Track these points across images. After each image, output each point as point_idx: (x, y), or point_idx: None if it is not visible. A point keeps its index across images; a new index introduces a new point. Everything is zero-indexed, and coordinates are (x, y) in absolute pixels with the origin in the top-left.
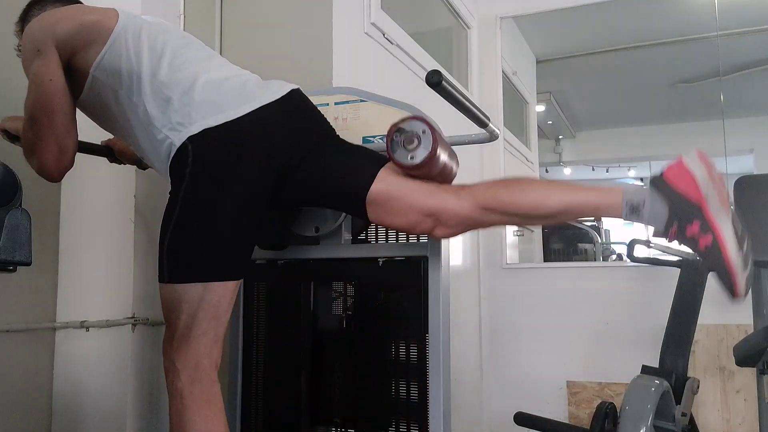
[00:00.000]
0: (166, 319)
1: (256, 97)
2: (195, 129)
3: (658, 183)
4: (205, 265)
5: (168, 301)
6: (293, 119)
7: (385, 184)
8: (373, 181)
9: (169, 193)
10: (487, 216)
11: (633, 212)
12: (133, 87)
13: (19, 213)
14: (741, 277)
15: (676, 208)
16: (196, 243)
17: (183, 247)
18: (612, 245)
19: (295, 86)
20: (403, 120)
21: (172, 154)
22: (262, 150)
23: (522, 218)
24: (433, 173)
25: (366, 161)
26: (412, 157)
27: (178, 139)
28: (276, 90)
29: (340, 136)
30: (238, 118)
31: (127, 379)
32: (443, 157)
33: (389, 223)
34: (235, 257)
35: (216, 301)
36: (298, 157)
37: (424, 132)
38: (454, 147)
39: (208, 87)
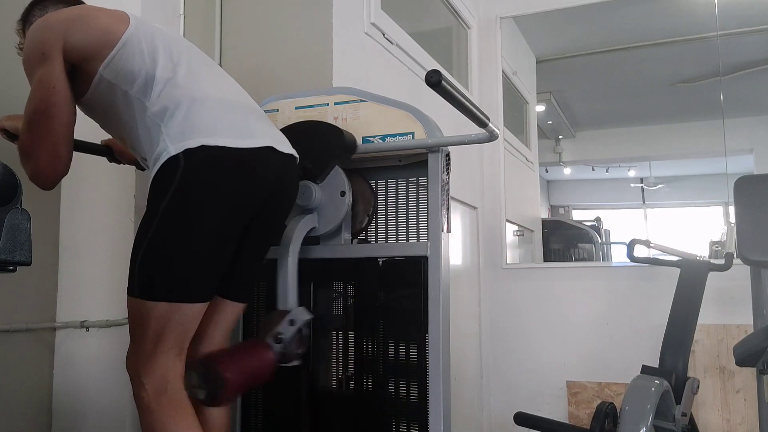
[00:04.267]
0: (131, 331)
1: (264, 136)
2: (193, 143)
3: None
4: (177, 286)
5: (136, 314)
6: (284, 178)
7: (228, 312)
8: (235, 300)
9: (148, 204)
10: None
11: None
12: (146, 89)
13: (19, 213)
14: None
15: None
16: (171, 263)
17: (156, 266)
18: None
19: (296, 154)
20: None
21: (161, 162)
22: (252, 185)
23: None
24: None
25: (254, 284)
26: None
27: (174, 148)
28: (284, 143)
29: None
30: (240, 148)
31: (127, 379)
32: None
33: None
34: (208, 281)
35: (184, 320)
36: (262, 212)
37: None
38: (453, 147)
39: (219, 105)
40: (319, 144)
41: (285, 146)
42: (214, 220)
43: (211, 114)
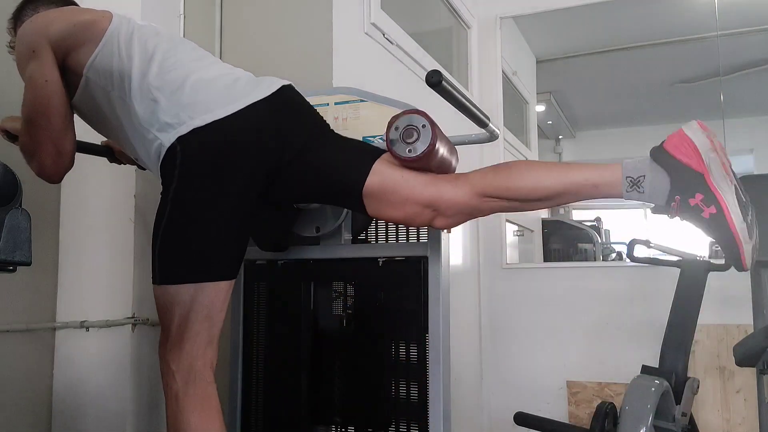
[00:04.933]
0: (160, 320)
1: (246, 94)
2: (183, 129)
3: (658, 154)
4: (195, 266)
5: (161, 302)
6: (283, 116)
7: (381, 176)
8: (368, 175)
9: (161, 194)
10: (485, 203)
11: (633, 187)
12: (124, 88)
13: (19, 213)
14: (747, 247)
15: (678, 179)
16: (187, 245)
17: (174, 250)
18: (612, 245)
19: (286, 82)
20: (403, 114)
21: (162, 155)
22: (252, 149)
23: (521, 202)
24: (431, 166)
25: (360, 154)
26: (410, 150)
27: (167, 140)
28: (266, 87)
29: (334, 131)
30: (226, 117)
31: (127, 379)
32: (442, 150)
33: (388, 215)
34: (227, 258)
35: (208, 302)
36: (289, 154)
37: (423, 126)
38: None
39: (198, 86)
40: None
41: (271, 86)
42: (223, 194)
43: (192, 96)
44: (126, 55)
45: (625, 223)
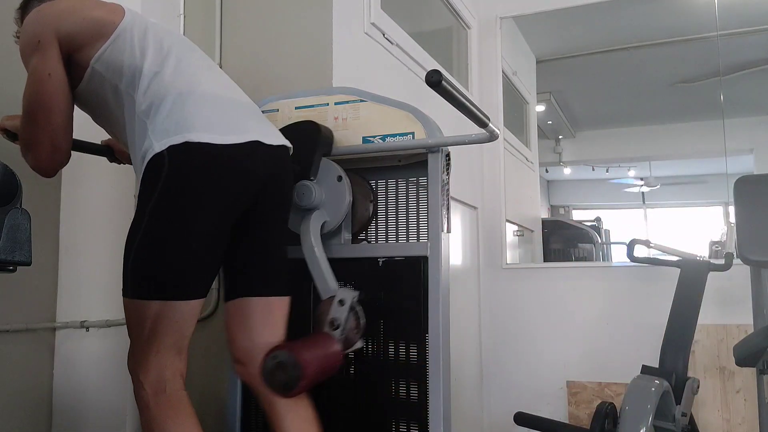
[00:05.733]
0: (129, 331)
1: (251, 130)
2: (177, 139)
3: None
4: (169, 284)
5: (131, 315)
6: (275, 170)
7: (263, 309)
8: (261, 295)
9: (137, 203)
10: (264, 404)
11: None
12: (134, 83)
13: (19, 213)
14: None
15: None
16: (162, 262)
17: (148, 265)
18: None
19: (288, 143)
20: (288, 357)
21: (147, 160)
22: (242, 180)
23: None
24: None
25: (281, 274)
26: (264, 366)
27: (159, 145)
28: (274, 135)
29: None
30: (225, 144)
31: (127, 379)
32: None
33: (226, 326)
34: (202, 278)
35: (179, 318)
36: (257, 206)
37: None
38: (454, 147)
39: (205, 99)
40: (300, 143)
41: (274, 138)
42: (201, 217)
43: (196, 109)
44: (140, 50)
45: (625, 223)
